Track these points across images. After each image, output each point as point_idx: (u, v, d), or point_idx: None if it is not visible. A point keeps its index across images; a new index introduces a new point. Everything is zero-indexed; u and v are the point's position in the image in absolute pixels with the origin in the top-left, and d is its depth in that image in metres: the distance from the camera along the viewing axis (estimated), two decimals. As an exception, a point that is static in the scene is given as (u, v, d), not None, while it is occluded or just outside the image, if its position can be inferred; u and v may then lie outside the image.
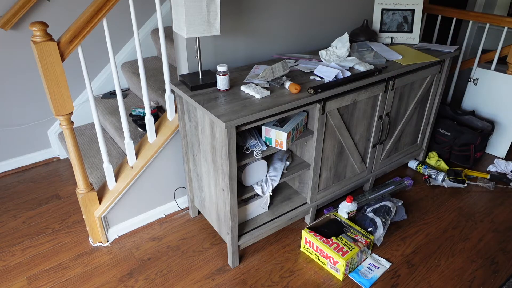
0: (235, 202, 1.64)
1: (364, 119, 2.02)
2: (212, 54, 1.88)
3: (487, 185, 2.43)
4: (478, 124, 2.66)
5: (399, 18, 2.38)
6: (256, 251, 1.94)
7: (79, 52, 1.59)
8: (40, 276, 1.80)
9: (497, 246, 1.99)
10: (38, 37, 1.43)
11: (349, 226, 1.92)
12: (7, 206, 2.24)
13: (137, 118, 2.31)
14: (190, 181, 2.02)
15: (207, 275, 1.81)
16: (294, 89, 1.64)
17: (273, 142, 1.70)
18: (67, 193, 2.35)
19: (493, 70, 2.68)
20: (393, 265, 1.87)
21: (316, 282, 1.78)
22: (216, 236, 2.03)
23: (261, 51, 2.06)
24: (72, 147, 1.69)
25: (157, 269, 1.84)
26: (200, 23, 1.53)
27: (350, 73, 1.83)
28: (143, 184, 2.00)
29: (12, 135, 2.50)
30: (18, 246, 1.96)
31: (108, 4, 1.54)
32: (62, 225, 2.10)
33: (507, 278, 1.82)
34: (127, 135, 1.83)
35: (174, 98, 1.92)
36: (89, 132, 2.60)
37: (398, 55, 2.12)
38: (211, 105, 1.54)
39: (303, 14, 2.13)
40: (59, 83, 1.52)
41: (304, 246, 1.93)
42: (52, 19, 2.31)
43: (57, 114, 1.58)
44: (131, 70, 2.58)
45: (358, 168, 2.17)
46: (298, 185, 2.07)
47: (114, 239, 2.01)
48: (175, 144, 2.00)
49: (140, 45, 1.71)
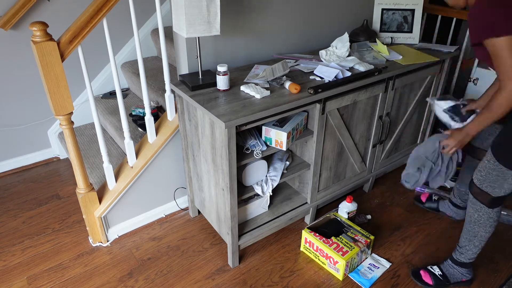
0: (235, 202, 1.64)
1: (364, 119, 2.02)
2: (212, 54, 1.88)
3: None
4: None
5: (399, 18, 2.38)
6: (256, 251, 1.94)
7: (79, 52, 1.59)
8: (40, 276, 1.80)
9: (497, 246, 1.99)
10: (38, 37, 1.43)
11: (349, 226, 1.92)
12: (7, 206, 2.24)
13: (137, 118, 2.31)
14: (190, 181, 2.02)
15: (207, 275, 1.81)
16: (294, 89, 1.64)
17: (273, 142, 1.70)
18: (67, 193, 2.35)
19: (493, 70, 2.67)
20: (393, 265, 1.87)
21: (316, 282, 1.78)
22: (216, 236, 2.03)
23: (261, 51, 2.06)
24: (72, 147, 1.69)
25: (157, 269, 1.84)
26: (200, 23, 1.53)
27: (350, 73, 1.83)
28: (143, 184, 2.00)
29: (12, 135, 2.49)
30: (18, 246, 1.96)
31: (108, 4, 1.54)
32: (62, 225, 2.10)
33: (507, 278, 1.82)
34: (127, 135, 1.83)
35: (174, 98, 1.92)
36: (89, 132, 2.60)
37: (398, 55, 2.12)
38: (211, 105, 1.54)
39: (303, 14, 2.13)
40: (59, 83, 1.52)
41: (304, 246, 1.93)
42: (52, 19, 2.30)
43: (57, 114, 1.58)
44: (131, 70, 2.58)
45: (358, 168, 2.17)
46: (298, 185, 2.07)
47: (114, 239, 2.01)
48: (175, 144, 2.00)
49: (140, 45, 1.71)
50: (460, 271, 1.71)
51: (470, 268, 1.72)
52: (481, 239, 1.61)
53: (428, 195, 2.24)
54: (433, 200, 2.19)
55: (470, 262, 1.69)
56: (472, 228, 1.61)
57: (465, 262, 1.69)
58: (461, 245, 1.68)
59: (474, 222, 1.59)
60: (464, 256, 1.68)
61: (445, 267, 1.75)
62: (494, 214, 1.54)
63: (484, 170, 1.50)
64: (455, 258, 1.72)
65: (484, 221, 1.56)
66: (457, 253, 1.71)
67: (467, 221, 1.63)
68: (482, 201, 1.53)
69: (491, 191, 1.49)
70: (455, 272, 1.72)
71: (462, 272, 1.71)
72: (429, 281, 1.74)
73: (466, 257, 1.68)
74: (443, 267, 1.75)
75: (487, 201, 1.52)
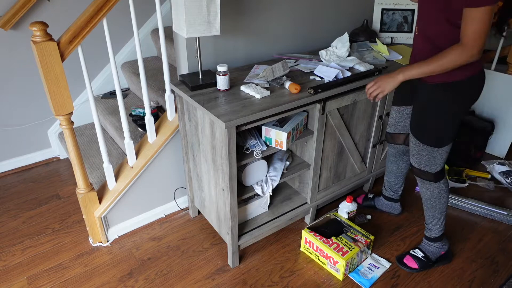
0: (235, 202, 1.64)
1: (364, 119, 2.02)
2: (212, 54, 1.88)
3: (486, 185, 2.43)
4: (478, 124, 2.65)
5: (399, 18, 2.38)
6: (256, 251, 1.94)
7: (79, 52, 1.59)
8: (40, 276, 1.80)
9: (497, 246, 1.99)
10: (38, 37, 1.43)
11: (349, 226, 1.92)
12: (7, 206, 2.24)
13: (137, 118, 2.31)
14: (190, 181, 2.02)
15: (207, 275, 1.81)
16: (294, 89, 1.64)
17: (273, 142, 1.70)
18: (67, 193, 2.35)
19: (493, 70, 2.68)
20: (393, 265, 1.87)
21: (316, 282, 1.78)
22: (216, 236, 2.03)
23: (261, 51, 2.06)
24: (72, 147, 1.69)
25: (157, 269, 1.84)
26: (200, 23, 1.53)
27: (350, 73, 1.83)
28: (143, 184, 1.99)
29: (12, 135, 2.50)
30: (18, 246, 1.96)
31: (108, 4, 1.54)
32: (62, 225, 2.10)
33: (507, 278, 1.82)
34: (127, 135, 1.83)
35: (174, 98, 1.92)
36: (89, 132, 2.60)
37: (398, 55, 2.12)
38: (211, 105, 1.54)
39: (303, 14, 2.13)
40: (59, 83, 1.52)
41: (304, 246, 1.93)
42: (52, 19, 2.31)
43: (57, 114, 1.58)
44: (131, 70, 2.58)
45: (358, 168, 2.17)
46: (298, 185, 2.07)
47: (114, 239, 2.01)
48: (175, 144, 2.00)
49: (140, 45, 1.71)
50: (436, 245, 1.84)
51: (443, 240, 1.84)
52: (441, 211, 1.75)
53: (364, 195, 2.27)
54: (369, 199, 2.24)
55: (440, 235, 1.81)
56: (430, 205, 1.75)
57: (436, 236, 1.82)
58: (427, 222, 1.82)
59: (429, 199, 1.74)
60: (434, 231, 1.81)
61: (423, 247, 1.87)
62: (442, 185, 1.69)
63: (415, 153, 1.66)
64: (427, 236, 1.85)
65: (437, 195, 1.71)
66: (427, 230, 1.84)
67: (424, 200, 1.77)
68: (427, 179, 1.68)
69: (429, 169, 1.64)
70: (433, 248, 1.85)
71: (438, 246, 1.84)
72: (414, 265, 1.84)
73: (435, 231, 1.81)
74: (422, 248, 1.87)
75: (431, 177, 1.67)
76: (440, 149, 1.59)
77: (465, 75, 1.45)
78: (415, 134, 1.62)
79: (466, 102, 1.52)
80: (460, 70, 1.42)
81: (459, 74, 1.45)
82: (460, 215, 2.20)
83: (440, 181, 1.68)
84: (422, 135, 1.60)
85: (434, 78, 1.50)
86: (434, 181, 1.67)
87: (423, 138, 1.59)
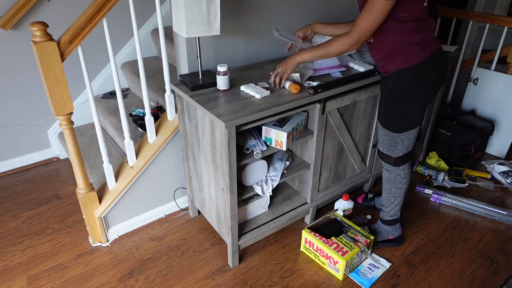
0: (235, 202, 1.64)
1: (364, 119, 2.02)
2: (212, 54, 1.88)
3: (486, 185, 2.43)
4: (478, 124, 2.66)
5: (399, 18, 2.37)
6: (256, 251, 1.94)
7: (79, 52, 1.59)
8: (40, 276, 1.80)
9: (497, 246, 1.99)
10: (38, 37, 1.43)
11: (349, 226, 1.92)
12: (7, 206, 2.24)
13: (137, 118, 2.31)
14: (190, 181, 2.02)
15: (207, 275, 1.81)
16: (294, 89, 1.64)
17: (273, 142, 1.70)
18: (67, 193, 2.35)
19: (493, 70, 2.68)
20: (393, 265, 1.87)
21: (316, 282, 1.78)
22: (216, 236, 2.03)
23: (261, 51, 2.06)
24: (72, 147, 1.69)
25: (157, 269, 1.84)
26: (200, 23, 1.53)
27: (346, 68, 1.83)
28: (143, 184, 2.00)
29: (12, 135, 2.50)
30: (18, 246, 1.96)
31: (108, 4, 1.54)
32: (62, 225, 2.10)
33: (507, 278, 1.82)
34: (127, 135, 1.83)
35: (174, 98, 1.92)
36: (89, 132, 2.60)
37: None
38: (211, 105, 1.55)
39: (303, 14, 2.13)
40: (59, 83, 1.52)
41: (304, 246, 1.93)
42: (52, 19, 2.30)
43: (57, 114, 1.58)
44: (131, 70, 2.58)
45: (358, 168, 2.17)
46: (298, 185, 2.07)
47: (114, 239, 2.01)
48: (175, 144, 2.00)
49: (140, 45, 1.71)
50: (385, 228, 1.93)
51: (395, 225, 1.91)
52: (396, 196, 1.82)
53: (364, 195, 2.28)
54: (369, 198, 2.25)
55: (393, 219, 1.89)
56: (386, 186, 1.83)
57: (389, 220, 1.90)
58: (382, 203, 1.90)
59: (386, 180, 1.82)
60: (387, 214, 1.89)
61: (374, 227, 1.98)
62: (401, 171, 1.75)
63: (380, 137, 1.73)
64: (381, 216, 1.94)
65: (394, 178, 1.78)
66: (382, 212, 1.93)
67: (383, 181, 1.85)
68: (388, 162, 1.75)
69: (391, 153, 1.72)
70: (381, 230, 1.95)
71: (387, 229, 1.93)
72: None
73: (387, 214, 1.89)
74: (372, 226, 1.98)
75: (391, 161, 1.74)
76: (401, 135, 1.64)
77: (420, 58, 1.50)
78: (378, 118, 1.71)
79: (425, 86, 1.55)
80: (414, 54, 1.49)
81: (415, 58, 1.50)
82: (460, 215, 2.20)
83: (400, 167, 1.74)
84: (383, 120, 1.67)
85: (394, 67, 1.55)
86: (394, 165, 1.74)
87: (385, 123, 1.66)
